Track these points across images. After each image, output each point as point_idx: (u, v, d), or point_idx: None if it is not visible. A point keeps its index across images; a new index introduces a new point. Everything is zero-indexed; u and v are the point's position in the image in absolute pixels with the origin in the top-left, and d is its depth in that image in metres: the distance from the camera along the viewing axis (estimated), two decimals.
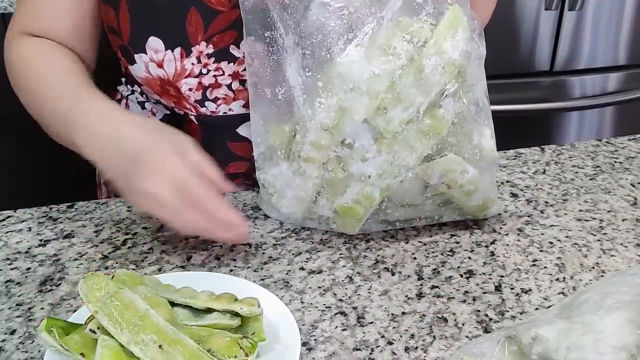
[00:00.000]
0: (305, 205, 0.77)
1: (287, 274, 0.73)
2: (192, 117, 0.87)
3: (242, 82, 0.83)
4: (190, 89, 0.83)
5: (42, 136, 0.85)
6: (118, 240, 0.79)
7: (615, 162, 0.97)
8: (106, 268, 0.74)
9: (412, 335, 0.65)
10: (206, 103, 0.84)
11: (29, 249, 0.78)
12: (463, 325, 0.66)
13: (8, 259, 0.76)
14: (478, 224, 0.82)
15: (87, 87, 0.78)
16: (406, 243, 0.79)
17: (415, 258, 0.76)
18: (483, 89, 0.76)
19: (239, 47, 0.81)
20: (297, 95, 0.72)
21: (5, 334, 0.65)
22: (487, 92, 0.76)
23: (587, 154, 0.99)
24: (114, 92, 0.96)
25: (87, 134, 0.73)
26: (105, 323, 0.56)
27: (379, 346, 0.64)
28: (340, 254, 0.77)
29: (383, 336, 0.65)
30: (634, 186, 0.91)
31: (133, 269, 0.74)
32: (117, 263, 0.75)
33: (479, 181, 0.76)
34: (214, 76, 0.82)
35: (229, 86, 0.83)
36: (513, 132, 1.59)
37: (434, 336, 0.65)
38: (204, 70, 0.82)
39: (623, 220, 0.83)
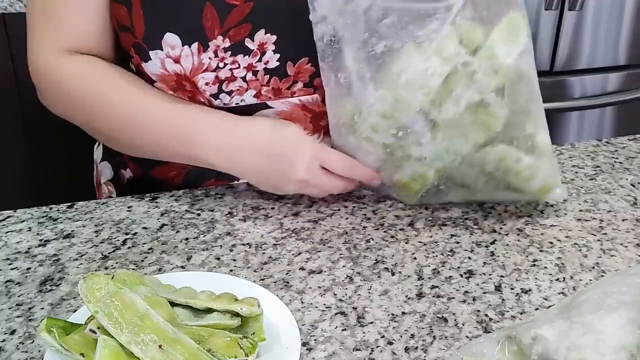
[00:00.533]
0: None
1: (287, 274, 0.73)
2: None
3: (255, 73, 0.83)
4: (206, 83, 0.83)
5: (42, 136, 0.85)
6: (118, 240, 0.79)
7: (615, 162, 0.97)
8: (106, 268, 0.74)
9: (412, 335, 0.65)
10: (221, 96, 0.85)
11: (29, 249, 0.78)
12: (463, 325, 0.66)
13: (8, 259, 0.76)
14: (478, 224, 0.82)
15: (182, 101, 0.84)
16: (406, 243, 0.79)
17: (415, 258, 0.76)
18: (534, 81, 0.77)
19: (253, 40, 0.82)
20: (354, 79, 0.78)
21: (5, 334, 0.65)
22: (537, 82, 0.78)
23: (587, 154, 0.99)
24: None
25: (216, 150, 0.80)
26: (105, 323, 0.56)
27: (379, 346, 0.64)
28: (340, 254, 0.77)
29: (383, 336, 0.65)
30: (634, 186, 0.91)
31: (133, 269, 0.74)
32: (117, 263, 0.75)
33: (536, 167, 0.77)
34: (230, 69, 0.83)
35: (243, 78, 0.84)
36: None
37: (434, 336, 0.65)
38: (221, 64, 0.82)
39: (623, 220, 0.83)
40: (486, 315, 0.68)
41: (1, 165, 1.52)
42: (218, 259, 0.76)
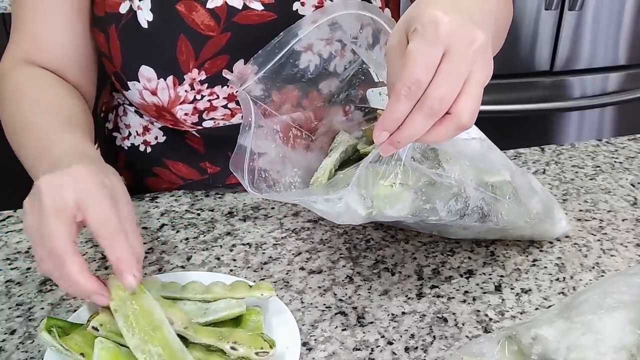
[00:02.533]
0: None
1: (287, 274, 0.73)
2: (193, 132, 0.87)
3: (238, 102, 0.82)
4: (185, 114, 0.82)
5: None
6: None
7: (615, 162, 0.97)
8: (106, 268, 0.74)
9: (412, 335, 0.65)
10: (204, 123, 0.84)
11: (29, 249, 0.78)
12: (463, 325, 0.66)
13: (8, 259, 0.76)
14: None
15: (62, 139, 0.70)
16: (406, 243, 0.79)
17: (415, 258, 0.76)
18: (470, 184, 0.69)
19: (231, 71, 0.80)
20: None
21: (5, 334, 0.65)
22: (481, 180, 0.71)
23: (587, 154, 0.99)
24: (110, 97, 0.95)
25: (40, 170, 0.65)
26: (120, 323, 0.56)
27: (379, 346, 0.64)
28: (340, 254, 0.77)
29: (383, 336, 0.65)
30: (634, 186, 0.90)
31: None
32: None
33: (536, 225, 0.76)
34: (209, 100, 0.81)
35: (225, 106, 0.83)
36: (513, 132, 1.59)
37: (434, 336, 0.65)
38: (198, 96, 0.81)
39: (623, 220, 0.83)
40: (486, 315, 0.68)
41: (1, 165, 1.52)
42: (218, 259, 0.76)
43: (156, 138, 0.89)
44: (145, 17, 0.77)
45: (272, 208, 0.85)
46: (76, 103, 0.80)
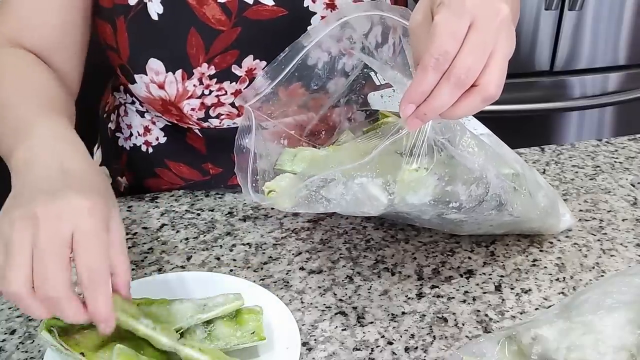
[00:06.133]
0: None
1: (287, 274, 0.73)
2: (196, 130, 0.87)
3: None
4: (192, 109, 0.82)
5: None
6: None
7: (615, 162, 0.97)
8: None
9: (412, 335, 0.65)
10: (209, 120, 0.84)
11: None
12: (463, 325, 0.66)
13: None
14: None
15: (43, 123, 0.66)
16: (406, 243, 0.79)
17: (415, 258, 0.76)
18: (492, 171, 0.69)
19: (240, 67, 0.80)
20: None
21: (5, 334, 0.65)
22: (503, 174, 0.71)
23: (587, 154, 0.99)
24: (112, 97, 0.95)
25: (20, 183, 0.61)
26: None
27: (379, 346, 0.64)
28: (340, 254, 0.77)
29: (383, 336, 0.65)
30: (634, 186, 0.90)
31: (133, 269, 0.74)
32: None
33: (544, 218, 0.76)
34: (217, 96, 0.81)
35: (232, 104, 0.83)
36: (513, 132, 1.59)
37: (434, 336, 0.65)
38: (206, 91, 0.81)
39: (623, 220, 0.83)
40: (486, 315, 0.68)
41: (1, 165, 1.52)
42: (218, 259, 0.76)
43: (157, 139, 0.89)
44: (155, 9, 0.77)
45: (272, 208, 0.85)
46: (57, 87, 0.77)
